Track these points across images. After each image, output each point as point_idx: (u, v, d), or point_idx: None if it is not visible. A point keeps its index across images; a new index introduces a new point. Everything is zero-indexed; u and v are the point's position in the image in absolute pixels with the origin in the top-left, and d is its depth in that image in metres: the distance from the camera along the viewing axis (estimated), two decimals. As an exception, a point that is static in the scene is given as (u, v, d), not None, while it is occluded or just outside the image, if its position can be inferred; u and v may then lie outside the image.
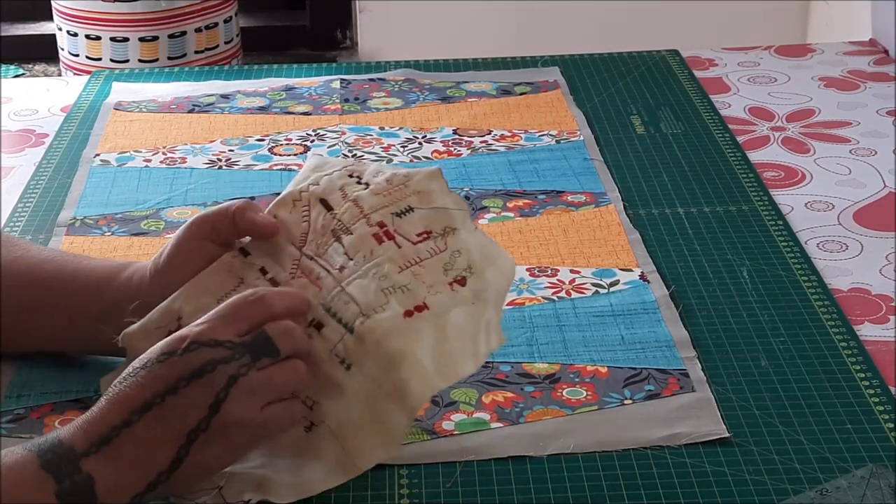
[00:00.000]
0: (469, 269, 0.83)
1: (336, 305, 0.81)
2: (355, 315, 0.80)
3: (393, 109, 1.42)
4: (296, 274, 0.85)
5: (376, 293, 0.81)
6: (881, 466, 0.81)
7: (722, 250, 1.09)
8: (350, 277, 0.82)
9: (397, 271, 0.82)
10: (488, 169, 1.26)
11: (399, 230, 0.84)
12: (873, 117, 1.39)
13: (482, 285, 0.83)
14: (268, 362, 0.76)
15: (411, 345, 0.79)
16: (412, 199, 0.86)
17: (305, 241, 0.86)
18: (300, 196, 0.88)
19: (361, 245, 0.84)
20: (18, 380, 0.92)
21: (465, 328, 0.81)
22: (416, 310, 0.80)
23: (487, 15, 2.65)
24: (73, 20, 2.35)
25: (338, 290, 0.82)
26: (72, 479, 0.71)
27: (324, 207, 0.87)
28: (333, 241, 0.85)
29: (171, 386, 0.74)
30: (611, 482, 0.81)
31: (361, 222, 0.85)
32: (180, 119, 1.40)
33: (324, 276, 0.84)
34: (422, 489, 0.81)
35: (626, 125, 1.37)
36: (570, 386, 0.90)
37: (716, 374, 0.92)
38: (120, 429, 0.73)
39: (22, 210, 1.19)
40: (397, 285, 0.81)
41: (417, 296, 0.81)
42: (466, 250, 0.84)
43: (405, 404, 0.78)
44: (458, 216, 0.85)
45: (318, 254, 0.85)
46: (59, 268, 0.93)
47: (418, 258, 0.83)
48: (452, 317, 0.81)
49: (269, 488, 0.78)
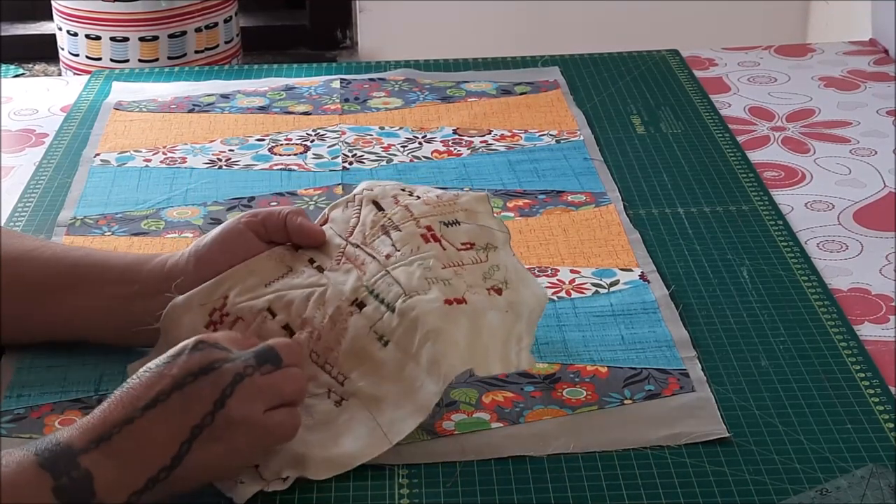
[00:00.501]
0: (505, 282, 0.89)
1: (379, 287, 0.87)
2: (397, 296, 0.85)
3: (393, 109, 1.42)
4: (341, 260, 0.90)
5: (419, 280, 0.86)
6: (881, 466, 0.81)
7: (722, 250, 1.09)
8: (396, 264, 0.88)
9: (441, 267, 0.87)
10: (488, 169, 1.26)
11: (445, 236, 0.90)
12: (873, 117, 1.39)
13: (517, 298, 0.88)
14: (271, 369, 0.78)
15: (449, 325, 0.84)
16: (459, 215, 0.92)
17: (352, 232, 0.92)
18: (353, 198, 0.94)
19: (409, 240, 0.89)
20: (18, 380, 0.92)
21: (497, 331, 0.85)
22: (456, 301, 0.85)
23: (487, 15, 2.65)
24: (73, 20, 2.35)
25: (382, 274, 0.87)
26: (69, 475, 0.71)
27: (375, 207, 0.93)
28: (382, 235, 0.91)
29: (177, 382, 0.75)
30: (611, 482, 0.81)
31: (411, 223, 0.91)
32: (180, 119, 1.40)
33: (368, 261, 0.89)
34: (422, 489, 0.81)
35: (626, 125, 1.37)
36: (570, 386, 0.90)
37: (716, 374, 0.92)
38: (121, 426, 0.73)
39: (22, 210, 1.19)
40: (440, 278, 0.86)
41: (458, 290, 0.86)
42: (504, 267, 0.90)
43: (438, 374, 0.82)
44: (500, 237, 0.92)
45: (364, 243, 0.91)
46: (88, 253, 0.96)
47: (461, 262, 0.89)
48: (488, 317, 0.85)
49: (306, 465, 0.80)
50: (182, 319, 0.89)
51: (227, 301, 0.89)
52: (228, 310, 0.89)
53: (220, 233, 0.91)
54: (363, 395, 0.84)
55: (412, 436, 0.85)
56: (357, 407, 0.84)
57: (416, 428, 0.85)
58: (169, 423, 0.74)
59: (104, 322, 0.92)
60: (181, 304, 0.89)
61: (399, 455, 0.83)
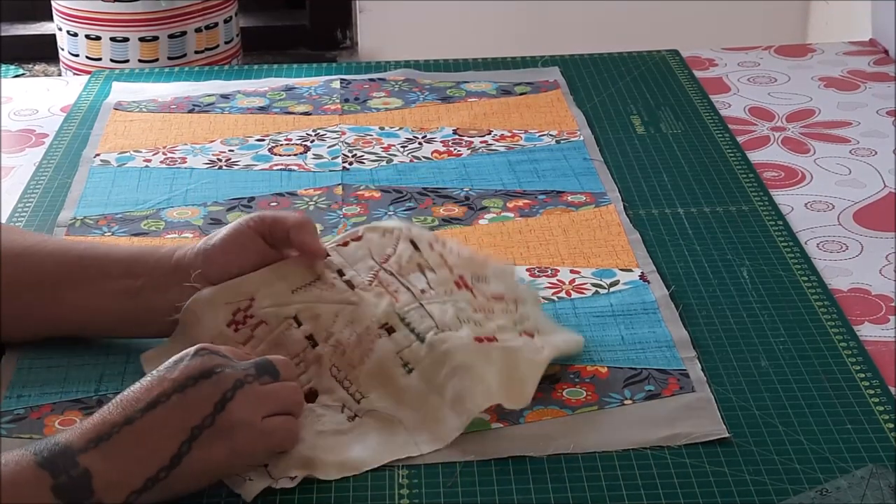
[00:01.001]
0: (537, 330, 0.92)
1: (411, 317, 0.88)
2: (429, 328, 0.87)
3: (393, 109, 1.42)
4: (373, 282, 0.91)
5: (452, 318, 0.88)
6: (881, 466, 0.81)
7: (722, 250, 1.09)
8: (430, 300, 0.89)
9: (472, 311, 0.90)
10: (488, 169, 1.26)
11: (476, 288, 0.92)
12: (873, 117, 1.39)
13: (550, 342, 0.90)
14: (269, 380, 0.80)
15: (478, 363, 0.85)
16: (490, 274, 0.96)
17: (387, 260, 0.94)
18: (392, 231, 0.96)
19: (443, 283, 0.92)
20: (18, 379, 0.92)
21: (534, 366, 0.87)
22: (487, 339, 0.87)
23: (487, 15, 2.65)
24: (73, 20, 2.35)
25: (416, 305, 0.89)
26: (68, 473, 0.71)
27: (412, 246, 0.94)
28: (417, 272, 0.92)
29: (178, 385, 0.75)
30: (611, 482, 0.81)
31: (445, 270, 0.93)
32: (180, 119, 1.40)
33: (402, 291, 0.90)
34: (422, 489, 0.81)
35: (626, 125, 1.37)
36: (570, 386, 0.90)
37: (716, 374, 0.92)
38: (121, 426, 0.74)
39: (22, 210, 1.19)
40: (471, 319, 0.88)
41: (488, 330, 0.88)
42: (535, 318, 0.94)
43: (463, 409, 0.83)
44: (530, 295, 0.96)
45: (400, 273, 0.92)
46: (91, 246, 0.97)
47: (491, 310, 0.91)
48: (523, 352, 0.87)
49: (315, 466, 0.81)
50: (205, 314, 0.89)
51: (254, 303, 0.90)
52: (254, 312, 0.90)
53: (229, 233, 0.92)
54: (379, 417, 0.85)
55: (412, 436, 0.85)
56: (370, 425, 0.84)
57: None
58: (169, 424, 0.74)
59: (110, 313, 0.92)
60: (205, 300, 0.90)
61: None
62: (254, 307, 0.90)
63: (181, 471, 0.74)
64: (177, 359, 0.78)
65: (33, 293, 0.92)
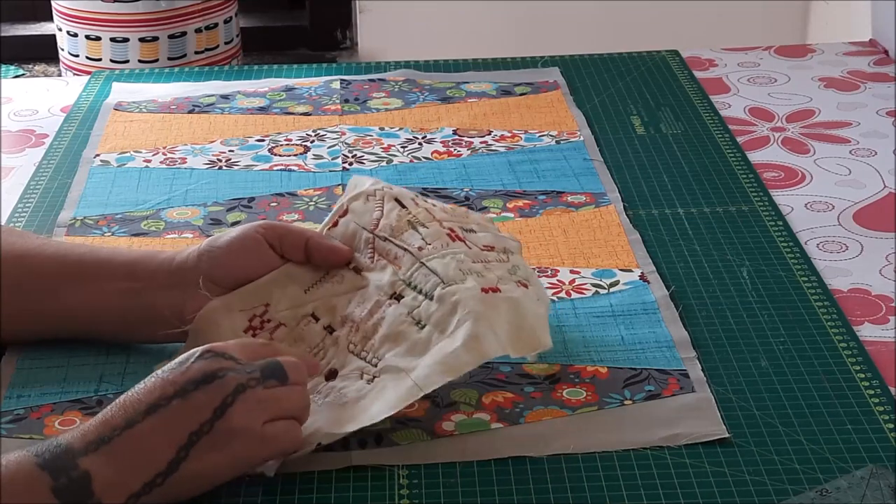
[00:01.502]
0: (528, 279, 0.91)
1: (416, 279, 0.88)
2: (436, 285, 0.87)
3: (393, 110, 1.42)
4: (374, 257, 0.91)
5: (455, 271, 0.87)
6: (881, 467, 0.81)
7: (722, 250, 1.09)
8: (429, 256, 0.89)
9: (471, 262, 0.89)
10: (488, 169, 1.26)
11: (468, 239, 0.92)
12: (873, 117, 1.39)
13: (541, 293, 0.91)
14: (275, 384, 0.78)
15: (488, 312, 0.85)
16: (474, 226, 0.94)
17: (377, 225, 0.93)
18: (374, 192, 0.95)
19: (438, 237, 0.91)
20: (18, 380, 0.92)
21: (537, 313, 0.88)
22: (491, 290, 0.87)
23: (487, 15, 2.65)
24: (73, 20, 2.35)
25: (418, 266, 0.89)
26: (69, 475, 0.71)
27: (398, 204, 0.94)
28: (409, 229, 0.91)
29: (179, 389, 0.75)
30: (611, 482, 0.81)
31: (435, 223, 0.92)
32: (180, 119, 1.40)
33: (401, 254, 0.90)
34: (422, 489, 0.81)
35: (626, 125, 1.37)
36: (570, 386, 0.90)
37: (716, 374, 0.92)
38: (122, 429, 0.73)
39: (22, 210, 1.19)
40: (473, 270, 0.88)
41: (490, 281, 0.88)
42: (525, 268, 0.93)
43: (475, 350, 0.82)
44: (514, 245, 0.94)
45: (393, 236, 0.92)
46: (92, 249, 0.96)
47: (486, 259, 0.90)
48: (524, 301, 0.87)
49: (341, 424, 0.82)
50: (221, 323, 0.89)
51: (269, 308, 0.90)
52: (271, 316, 0.90)
53: (237, 238, 0.91)
54: (395, 369, 0.84)
55: (412, 436, 0.85)
56: (388, 377, 0.84)
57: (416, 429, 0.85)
58: (168, 429, 0.74)
59: (111, 313, 0.92)
60: (220, 308, 0.90)
61: (399, 455, 0.83)
62: (270, 311, 0.90)
63: (179, 476, 0.74)
64: (182, 359, 0.77)
65: (34, 295, 0.92)
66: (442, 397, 0.89)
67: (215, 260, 0.91)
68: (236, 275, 0.91)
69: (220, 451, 0.75)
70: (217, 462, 0.75)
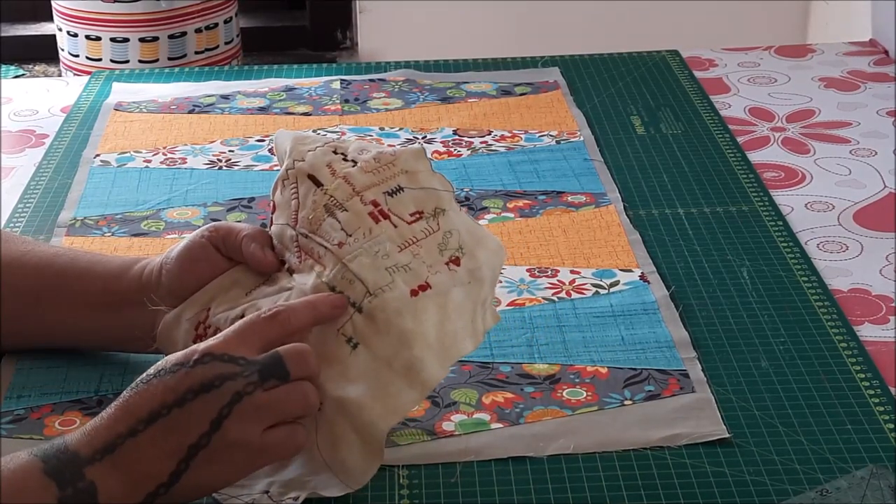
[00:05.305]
0: (460, 248, 0.84)
1: (341, 284, 0.82)
2: (363, 293, 0.81)
3: (393, 110, 1.42)
4: (301, 257, 0.86)
5: (381, 271, 0.81)
6: (881, 467, 0.81)
7: (722, 250, 1.09)
8: (351, 254, 0.83)
9: (398, 251, 0.83)
10: (488, 169, 1.26)
11: (393, 210, 0.85)
12: (873, 117, 1.39)
13: (475, 264, 0.84)
14: (275, 384, 0.76)
15: (421, 326, 0.80)
16: (401, 179, 0.86)
17: (297, 218, 0.87)
18: (287, 174, 0.88)
19: (360, 222, 0.84)
20: (18, 380, 0.92)
21: (464, 307, 0.82)
22: (420, 289, 0.81)
23: (487, 15, 2.65)
24: (73, 21, 2.35)
25: (339, 268, 0.82)
26: (75, 486, 0.71)
27: (313, 183, 0.87)
28: (327, 217, 0.85)
29: (178, 398, 0.73)
30: (611, 482, 0.81)
31: (355, 200, 0.85)
32: (180, 119, 1.40)
33: (323, 253, 0.84)
34: (422, 489, 0.81)
35: (626, 125, 1.37)
36: (570, 386, 0.90)
37: (716, 374, 0.92)
38: (125, 437, 0.73)
39: (22, 210, 1.19)
40: (399, 264, 0.82)
41: (420, 275, 0.82)
42: (457, 231, 0.85)
43: (417, 381, 0.79)
44: (445, 197, 0.86)
45: (312, 230, 0.86)
46: (73, 260, 0.94)
47: (415, 238, 0.84)
48: (453, 296, 0.82)
49: (316, 486, 0.79)
50: (173, 335, 0.87)
51: (210, 312, 0.87)
52: (210, 321, 0.87)
53: (184, 248, 0.90)
54: (331, 401, 0.80)
55: (412, 436, 0.85)
56: (328, 412, 0.80)
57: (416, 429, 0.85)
58: (168, 440, 0.73)
59: (91, 331, 0.92)
60: (171, 321, 0.88)
61: (399, 455, 0.83)
62: (210, 316, 0.87)
63: (181, 486, 0.73)
64: (181, 362, 0.75)
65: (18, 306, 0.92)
66: (442, 397, 0.89)
67: (170, 273, 0.89)
68: (189, 285, 0.89)
69: (219, 463, 0.74)
70: (217, 473, 0.74)
